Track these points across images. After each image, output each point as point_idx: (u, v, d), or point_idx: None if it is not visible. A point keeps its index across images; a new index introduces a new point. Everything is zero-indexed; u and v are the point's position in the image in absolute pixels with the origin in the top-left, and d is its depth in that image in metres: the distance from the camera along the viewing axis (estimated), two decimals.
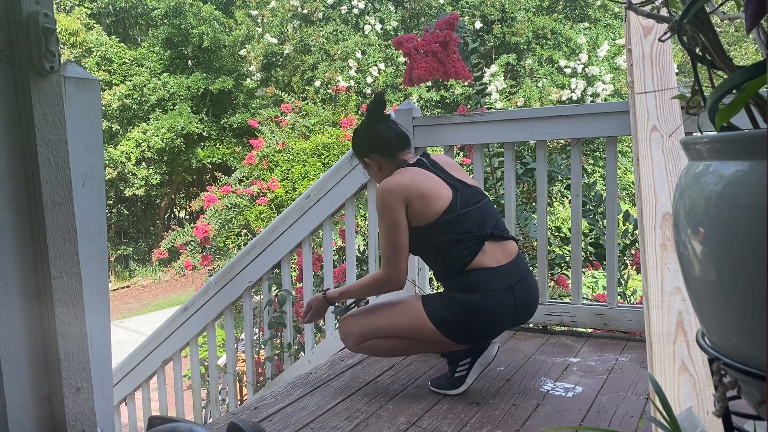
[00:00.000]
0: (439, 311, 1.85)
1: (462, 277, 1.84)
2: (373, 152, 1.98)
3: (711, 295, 0.57)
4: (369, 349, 1.97)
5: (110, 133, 11.01)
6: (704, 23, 0.64)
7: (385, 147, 1.97)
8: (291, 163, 6.64)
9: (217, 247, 6.45)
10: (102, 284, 1.51)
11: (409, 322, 1.88)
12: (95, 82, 1.46)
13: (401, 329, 1.90)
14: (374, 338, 1.93)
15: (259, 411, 1.86)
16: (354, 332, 1.95)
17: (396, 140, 1.98)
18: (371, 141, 1.99)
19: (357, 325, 1.96)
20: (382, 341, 1.93)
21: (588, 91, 8.28)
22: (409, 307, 1.91)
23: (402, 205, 1.83)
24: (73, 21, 10.73)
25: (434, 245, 1.86)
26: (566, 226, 5.25)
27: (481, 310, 1.82)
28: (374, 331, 1.93)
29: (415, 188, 1.84)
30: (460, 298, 1.83)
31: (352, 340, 1.96)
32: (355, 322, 1.97)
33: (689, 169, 0.61)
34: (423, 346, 1.95)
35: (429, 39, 2.49)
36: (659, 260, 1.43)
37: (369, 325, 1.93)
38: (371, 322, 1.94)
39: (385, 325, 1.92)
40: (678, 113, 1.87)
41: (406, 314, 1.90)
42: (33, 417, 1.15)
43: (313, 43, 9.12)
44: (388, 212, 1.84)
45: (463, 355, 1.92)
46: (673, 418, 0.58)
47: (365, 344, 1.95)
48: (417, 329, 1.88)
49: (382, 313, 1.94)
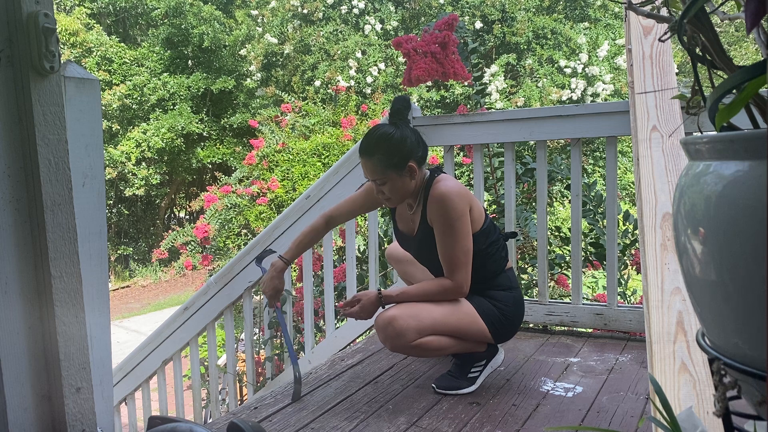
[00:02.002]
0: (490, 310, 1.89)
1: (501, 277, 1.94)
2: (413, 157, 1.84)
3: (711, 295, 0.57)
4: (420, 347, 1.83)
5: (110, 133, 11.01)
6: (704, 23, 0.64)
7: (423, 152, 1.88)
8: (291, 163, 6.65)
9: (217, 247, 6.45)
10: (102, 284, 1.51)
11: (464, 320, 1.86)
12: (95, 82, 1.46)
13: (455, 327, 1.86)
14: (430, 335, 1.83)
15: (259, 411, 1.86)
16: (411, 327, 1.79)
17: (427, 147, 1.92)
18: (415, 144, 1.85)
19: (412, 321, 1.80)
20: (435, 339, 1.84)
21: (588, 91, 8.28)
22: (461, 306, 1.87)
23: (467, 210, 1.81)
24: (73, 21, 10.74)
25: (479, 249, 1.87)
26: (566, 226, 5.26)
27: (520, 305, 1.96)
28: (431, 327, 1.82)
29: (472, 199, 1.87)
30: (504, 295, 1.92)
31: (409, 336, 1.80)
32: (407, 317, 1.80)
33: (689, 169, 0.61)
34: (463, 345, 1.93)
35: (428, 40, 2.49)
36: (659, 260, 1.43)
37: (426, 321, 1.81)
38: (428, 318, 1.82)
39: (441, 322, 1.83)
40: (678, 113, 1.87)
41: (459, 312, 1.86)
42: (33, 417, 1.15)
43: (313, 43, 9.12)
44: (460, 217, 1.78)
45: (479, 357, 1.96)
46: (673, 418, 0.58)
47: (420, 341, 1.82)
48: (470, 328, 1.87)
49: (436, 310, 1.84)
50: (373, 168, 1.82)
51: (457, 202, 1.77)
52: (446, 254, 1.81)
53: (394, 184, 1.83)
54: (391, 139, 1.80)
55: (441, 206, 1.78)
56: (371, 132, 1.86)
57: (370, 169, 1.83)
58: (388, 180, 1.82)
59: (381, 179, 1.83)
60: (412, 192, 1.87)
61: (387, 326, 1.81)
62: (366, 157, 1.82)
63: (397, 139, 1.81)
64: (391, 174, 1.81)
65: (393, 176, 1.81)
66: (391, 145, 1.80)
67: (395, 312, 1.82)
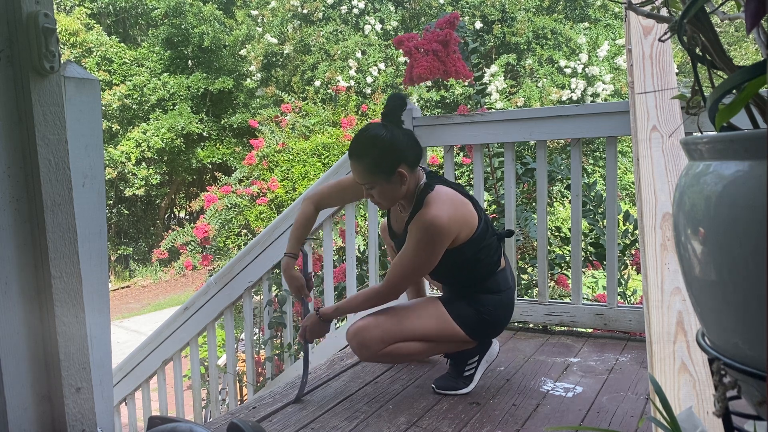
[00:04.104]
0: (464, 312, 1.86)
1: (490, 280, 1.89)
2: (404, 161, 1.74)
3: (711, 295, 0.57)
4: (390, 354, 1.83)
5: (110, 133, 11.01)
6: (704, 23, 0.64)
7: (416, 156, 1.78)
8: (291, 163, 6.65)
9: (217, 247, 6.45)
10: (102, 284, 1.51)
11: (433, 323, 1.84)
12: (95, 82, 1.46)
13: (424, 331, 1.83)
14: (396, 342, 1.82)
15: (257, 410, 1.86)
16: (375, 338, 1.79)
17: (421, 151, 1.83)
18: (405, 148, 1.75)
19: (376, 330, 1.79)
20: (404, 345, 1.83)
21: (588, 91, 8.28)
22: (430, 309, 1.85)
23: (450, 240, 1.75)
24: (73, 21, 10.74)
25: (467, 257, 1.82)
26: (566, 226, 5.25)
27: (506, 308, 1.91)
28: (397, 335, 1.80)
29: (463, 221, 1.77)
30: (489, 299, 1.88)
31: (374, 347, 1.80)
32: (372, 327, 1.80)
33: (689, 169, 0.61)
34: (440, 347, 1.91)
35: (429, 38, 2.49)
36: (659, 260, 1.43)
37: (391, 329, 1.80)
38: (392, 325, 1.81)
39: (407, 328, 1.81)
40: (678, 113, 1.87)
41: (428, 316, 1.84)
42: (33, 417, 1.15)
43: (313, 43, 9.12)
44: (435, 247, 1.72)
45: (471, 354, 1.93)
46: (673, 418, 0.58)
47: (388, 350, 1.81)
48: (441, 330, 1.85)
49: (402, 315, 1.83)
50: (361, 172, 1.75)
51: (442, 232, 1.70)
52: (399, 261, 1.75)
53: (383, 190, 1.76)
54: (380, 144, 1.71)
55: (422, 230, 1.71)
56: (360, 134, 1.76)
57: (359, 173, 1.76)
58: (376, 185, 1.75)
59: (369, 184, 1.76)
60: (403, 195, 1.81)
61: (352, 339, 1.83)
62: (354, 160, 1.75)
63: (387, 143, 1.71)
64: (380, 179, 1.74)
65: (381, 182, 1.74)
66: (380, 149, 1.71)
67: (360, 323, 1.82)
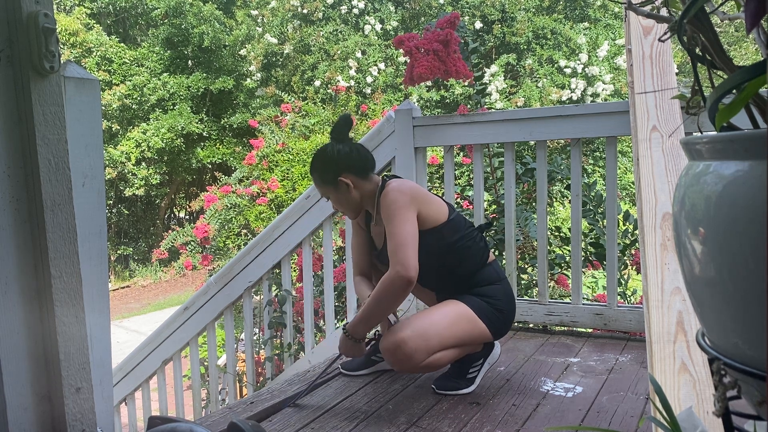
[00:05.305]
0: (484, 308, 1.85)
1: (485, 270, 1.90)
2: (347, 171, 1.84)
3: (711, 295, 0.57)
4: (431, 365, 1.80)
5: (110, 133, 11.01)
6: (704, 23, 0.64)
7: (359, 163, 1.86)
8: (291, 163, 6.65)
9: (217, 247, 6.45)
10: (102, 284, 1.51)
11: (466, 327, 1.82)
12: (95, 82, 1.46)
13: (460, 336, 1.82)
14: (440, 350, 1.79)
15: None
16: (420, 349, 1.74)
17: (370, 158, 1.90)
18: (345, 158, 1.84)
19: (421, 342, 1.74)
20: (443, 354, 1.81)
21: (588, 91, 8.28)
22: (461, 313, 1.83)
23: (412, 204, 1.76)
24: (73, 21, 10.74)
25: (449, 243, 1.82)
26: (566, 226, 5.25)
27: (509, 297, 1.93)
28: (440, 344, 1.78)
29: (421, 191, 1.83)
30: (493, 289, 1.89)
31: (419, 357, 1.75)
32: (416, 338, 1.74)
33: (689, 169, 0.61)
34: (465, 350, 1.89)
35: (430, 38, 2.49)
36: (659, 260, 1.43)
37: (434, 340, 1.76)
38: (435, 336, 1.76)
39: (448, 336, 1.79)
40: (678, 113, 1.87)
41: (462, 321, 1.82)
42: (33, 417, 1.15)
43: (313, 43, 9.12)
44: (400, 207, 1.74)
45: (476, 357, 1.94)
46: (673, 418, 0.58)
47: (431, 359, 1.78)
48: (472, 333, 1.84)
49: (440, 324, 1.79)
50: (316, 187, 1.92)
51: (397, 196, 1.75)
52: (391, 240, 1.73)
53: (337, 198, 1.88)
54: (321, 158, 1.86)
55: (384, 204, 1.78)
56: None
57: (316, 188, 1.92)
58: (330, 195, 1.89)
59: (324, 195, 1.92)
60: (359, 201, 1.87)
61: (396, 351, 1.76)
62: (311, 175, 1.92)
63: (327, 156, 1.85)
64: (329, 189, 1.87)
65: (331, 191, 1.87)
66: (321, 162, 1.86)
67: (403, 335, 1.75)
